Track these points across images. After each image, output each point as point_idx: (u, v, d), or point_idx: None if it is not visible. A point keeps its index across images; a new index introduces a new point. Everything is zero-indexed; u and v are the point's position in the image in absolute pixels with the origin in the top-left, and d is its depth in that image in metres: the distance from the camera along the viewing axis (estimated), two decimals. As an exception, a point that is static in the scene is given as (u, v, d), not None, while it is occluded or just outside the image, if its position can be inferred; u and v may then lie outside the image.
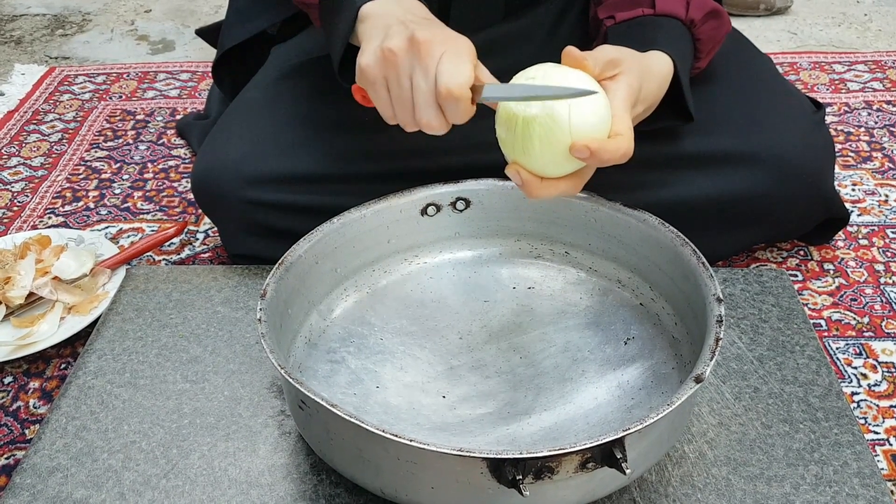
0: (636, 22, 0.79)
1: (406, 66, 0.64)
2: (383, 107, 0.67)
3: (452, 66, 0.62)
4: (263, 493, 0.66)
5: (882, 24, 1.53)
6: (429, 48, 0.63)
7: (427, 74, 0.63)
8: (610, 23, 0.81)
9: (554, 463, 0.55)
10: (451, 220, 0.82)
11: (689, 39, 0.79)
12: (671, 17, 0.78)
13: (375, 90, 0.67)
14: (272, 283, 0.69)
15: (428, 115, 0.65)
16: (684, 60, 0.77)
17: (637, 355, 0.73)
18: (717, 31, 0.81)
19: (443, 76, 0.62)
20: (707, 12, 0.79)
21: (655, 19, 0.79)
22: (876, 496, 0.64)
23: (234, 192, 0.84)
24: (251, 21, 0.97)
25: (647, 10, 0.79)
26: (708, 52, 0.82)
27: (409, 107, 0.65)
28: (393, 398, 0.71)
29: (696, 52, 0.80)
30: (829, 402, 0.72)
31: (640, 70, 0.69)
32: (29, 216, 1.08)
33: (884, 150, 1.15)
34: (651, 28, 0.78)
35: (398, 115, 0.67)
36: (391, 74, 0.65)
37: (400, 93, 0.65)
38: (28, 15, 1.67)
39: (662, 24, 0.78)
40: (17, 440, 0.77)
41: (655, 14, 0.79)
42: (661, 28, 0.78)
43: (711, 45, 0.82)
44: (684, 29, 0.79)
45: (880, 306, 0.89)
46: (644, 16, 0.79)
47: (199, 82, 1.38)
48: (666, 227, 0.74)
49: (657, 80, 0.72)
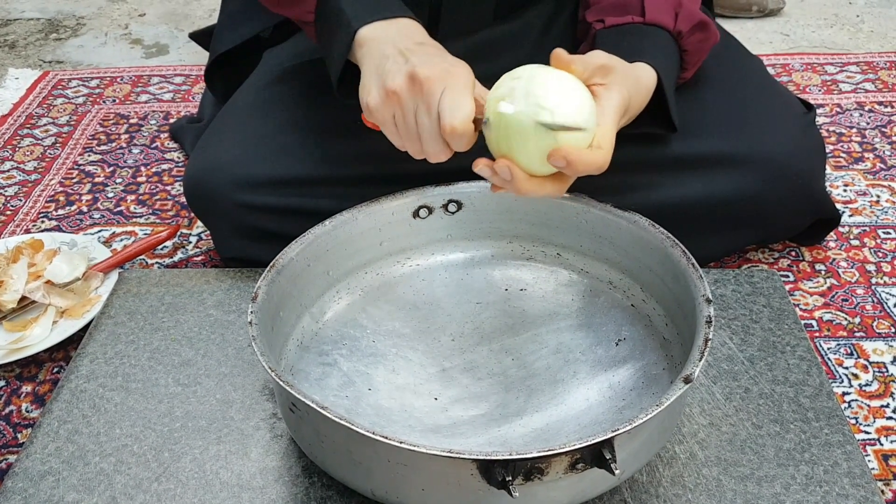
0: (625, 29, 0.79)
1: (410, 106, 0.66)
2: (393, 139, 0.70)
3: (454, 102, 0.64)
4: (255, 497, 0.66)
5: (874, 25, 1.54)
6: (430, 86, 0.65)
7: (430, 113, 0.65)
8: (599, 26, 0.81)
9: (543, 464, 0.55)
10: (443, 223, 0.83)
11: (675, 50, 0.79)
12: (659, 27, 0.79)
13: (385, 127, 0.70)
14: (263, 286, 0.69)
15: (434, 149, 0.67)
16: (669, 72, 0.77)
17: (628, 356, 0.73)
18: (704, 43, 0.82)
19: (445, 114, 0.64)
20: (694, 24, 0.79)
21: (644, 28, 0.79)
22: (866, 496, 0.65)
23: (226, 195, 0.84)
24: (243, 25, 0.97)
25: (636, 18, 0.79)
26: (694, 64, 0.82)
27: (416, 140, 0.68)
28: (385, 400, 0.71)
29: (682, 62, 0.81)
30: (819, 402, 0.72)
31: (631, 82, 0.70)
32: (22, 220, 1.08)
33: (875, 151, 1.15)
34: (639, 37, 0.78)
35: (406, 146, 0.69)
36: (397, 113, 0.67)
37: (406, 129, 0.68)
38: (22, 19, 1.67)
39: (650, 34, 0.79)
40: (9, 444, 0.77)
41: (644, 23, 0.79)
42: (648, 38, 0.78)
43: (698, 57, 0.82)
44: (671, 40, 0.79)
45: (871, 306, 0.89)
46: (633, 24, 0.79)
47: (192, 86, 1.38)
48: (656, 229, 0.74)
49: (643, 92, 0.73)
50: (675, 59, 0.79)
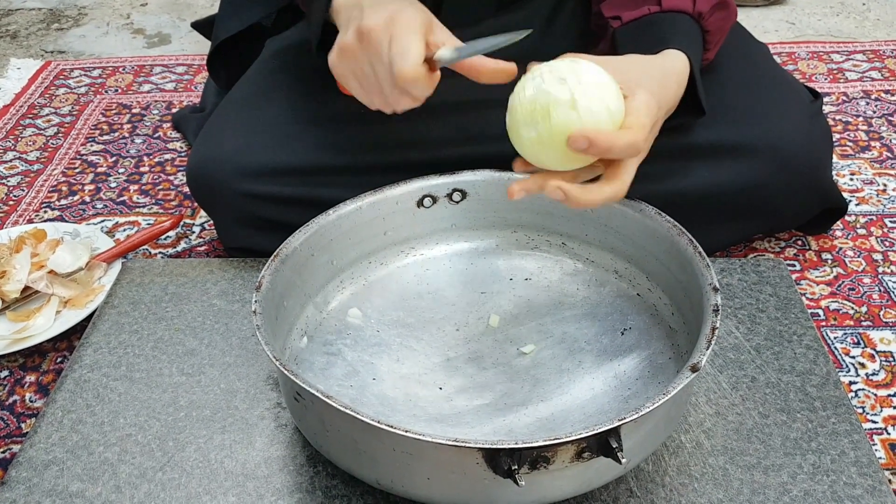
0: (644, 21, 0.78)
1: (363, 59, 0.66)
2: (358, 96, 0.70)
3: (400, 48, 0.63)
4: (260, 485, 0.66)
5: (881, 13, 1.53)
6: (376, 36, 0.65)
7: (383, 62, 0.65)
8: (616, 24, 0.80)
9: (549, 453, 0.55)
10: (448, 212, 0.82)
11: (698, 32, 0.78)
12: (679, 13, 0.77)
13: (348, 83, 0.69)
14: (267, 276, 0.69)
15: (396, 98, 0.66)
16: (697, 55, 0.76)
17: (634, 345, 0.73)
18: (726, 21, 0.80)
19: (394, 61, 0.63)
20: (714, 4, 0.78)
21: (664, 16, 0.78)
22: (873, 485, 0.64)
23: (229, 184, 0.84)
24: (245, 12, 0.97)
25: (653, 8, 0.78)
26: (716, 43, 0.81)
27: (379, 93, 0.67)
28: (389, 390, 0.70)
29: (704, 43, 0.79)
30: (826, 391, 0.72)
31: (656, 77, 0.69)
32: (25, 210, 1.07)
33: (882, 140, 1.15)
34: (660, 26, 0.77)
35: (373, 101, 0.69)
36: (355, 68, 0.67)
37: (367, 82, 0.67)
38: (24, 9, 1.67)
39: (672, 21, 0.77)
40: (13, 434, 0.77)
41: (662, 10, 0.78)
42: (670, 25, 0.77)
43: (719, 36, 0.81)
44: (693, 22, 0.78)
45: (878, 295, 0.89)
46: (651, 14, 0.78)
47: (195, 75, 1.38)
48: (663, 217, 0.74)
49: (675, 80, 0.72)
50: (698, 41, 0.78)
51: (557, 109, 0.61)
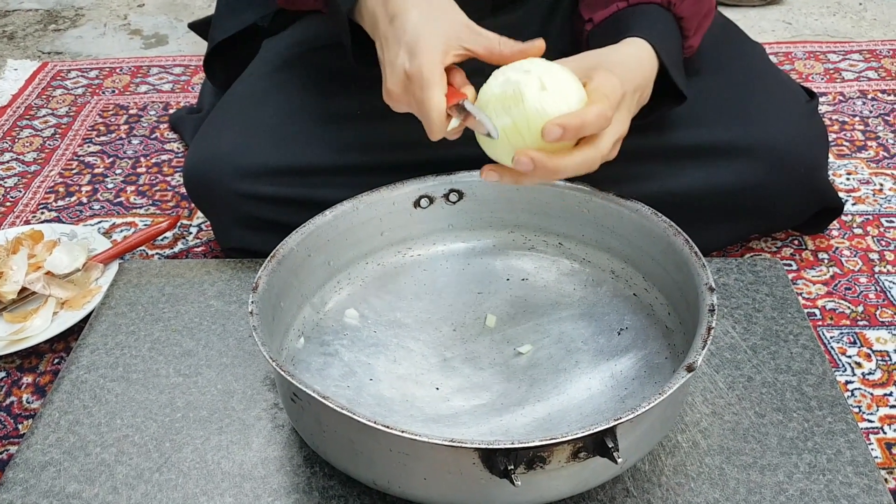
0: (612, 18, 0.79)
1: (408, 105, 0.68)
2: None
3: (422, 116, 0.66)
4: (257, 486, 0.66)
5: (877, 13, 1.53)
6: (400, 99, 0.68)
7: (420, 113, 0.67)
8: (589, 27, 0.81)
9: (546, 453, 0.55)
10: (445, 212, 0.82)
11: (670, 20, 0.78)
12: (648, 3, 0.78)
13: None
14: (264, 276, 0.69)
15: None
16: (669, 42, 0.76)
17: (630, 345, 0.73)
18: (699, 4, 0.80)
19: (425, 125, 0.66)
20: None
21: (632, 10, 0.78)
22: (869, 484, 0.64)
23: (225, 184, 0.84)
24: (242, 13, 0.97)
25: (621, 4, 0.79)
26: (696, 29, 0.81)
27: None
28: (386, 390, 0.70)
29: (682, 30, 0.79)
30: (822, 390, 0.72)
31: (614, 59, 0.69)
32: (21, 211, 1.07)
33: (878, 140, 1.15)
34: (626, 20, 0.77)
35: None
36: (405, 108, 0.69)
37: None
38: (21, 10, 1.67)
39: (639, 13, 0.78)
40: (10, 435, 0.77)
41: (630, 4, 0.78)
42: (636, 16, 0.77)
43: (698, 21, 0.80)
44: (663, 11, 0.78)
45: (874, 295, 0.89)
46: (619, 10, 0.78)
47: (192, 76, 1.38)
48: (659, 218, 0.74)
49: (636, 63, 0.72)
50: (671, 28, 0.78)
51: (529, 91, 0.63)
